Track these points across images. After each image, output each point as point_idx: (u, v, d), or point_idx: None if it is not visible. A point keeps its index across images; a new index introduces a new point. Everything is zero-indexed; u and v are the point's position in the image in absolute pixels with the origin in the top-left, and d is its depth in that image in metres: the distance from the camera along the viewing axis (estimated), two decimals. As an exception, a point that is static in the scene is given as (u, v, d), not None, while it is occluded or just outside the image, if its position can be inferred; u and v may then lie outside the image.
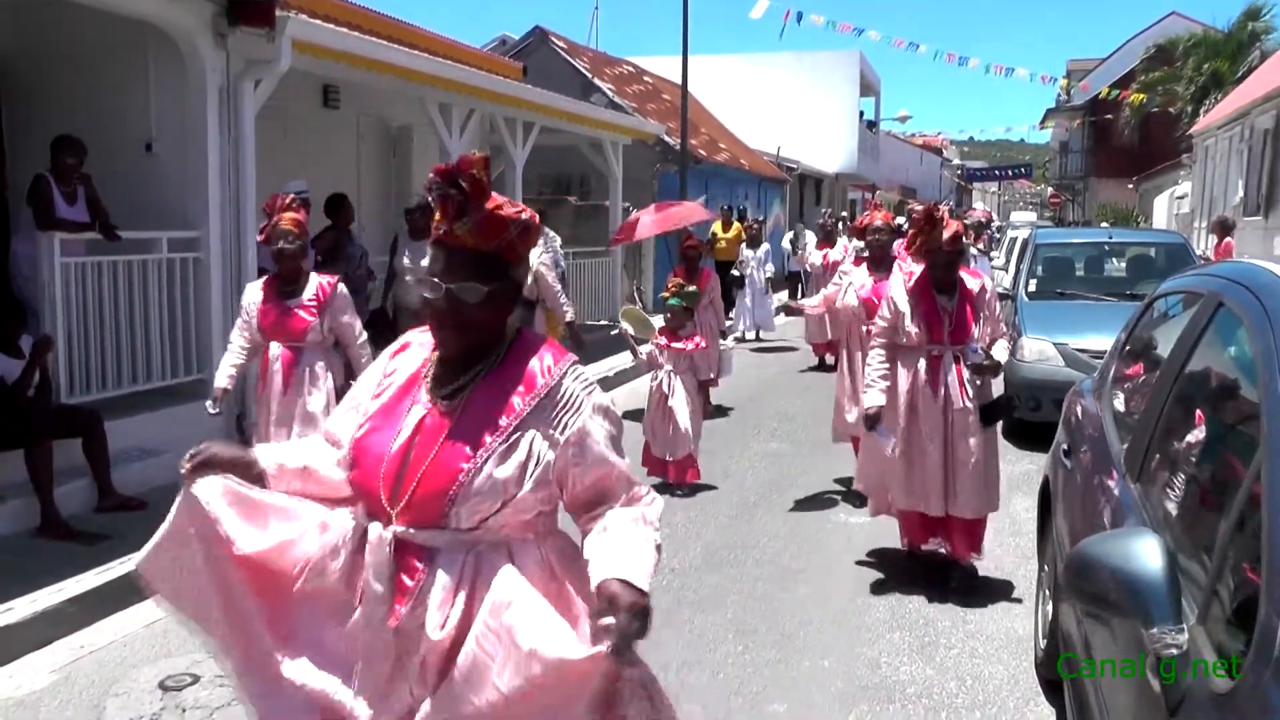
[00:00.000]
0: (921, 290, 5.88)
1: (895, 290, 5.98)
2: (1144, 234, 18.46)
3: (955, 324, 5.81)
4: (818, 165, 36.73)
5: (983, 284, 6.01)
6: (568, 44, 23.92)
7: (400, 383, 2.49)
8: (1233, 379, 3.09)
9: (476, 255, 2.34)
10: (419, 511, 2.32)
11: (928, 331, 5.81)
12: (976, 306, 5.88)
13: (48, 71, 8.59)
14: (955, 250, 5.81)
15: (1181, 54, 34.25)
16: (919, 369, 5.85)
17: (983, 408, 5.85)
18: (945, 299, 5.84)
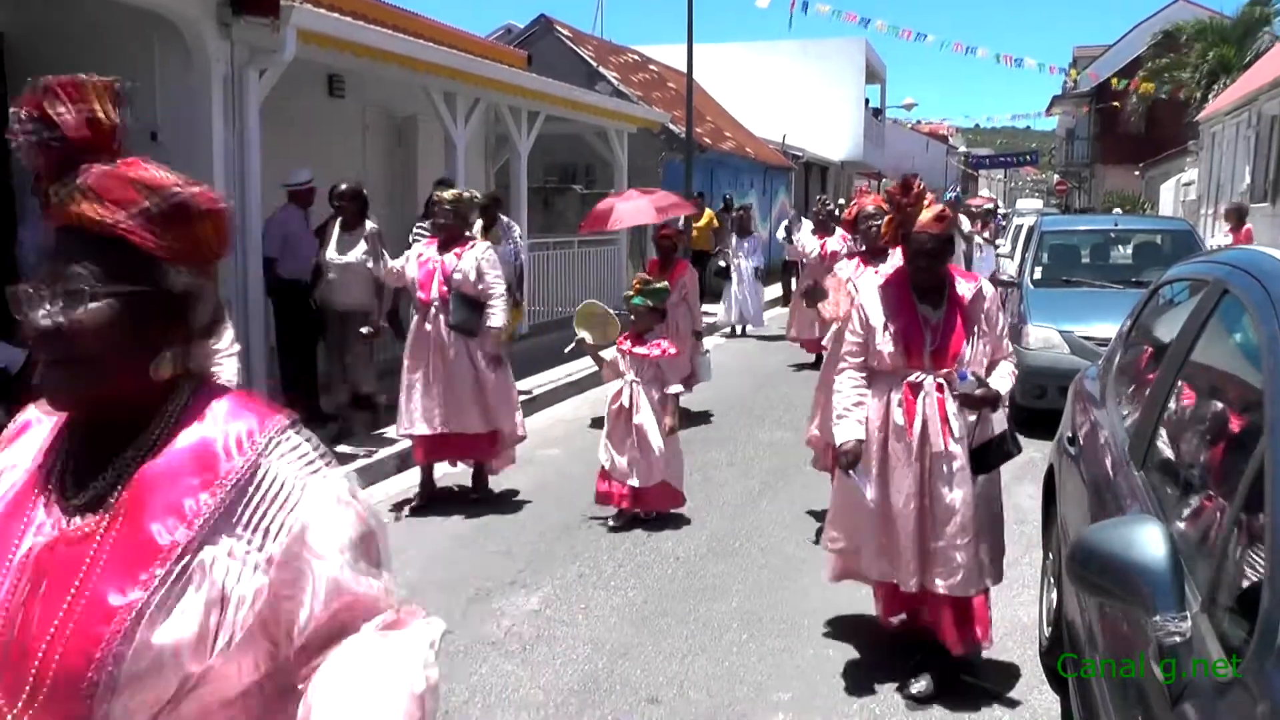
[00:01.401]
0: (898, 295, 4.49)
1: (865, 295, 4.66)
2: (1150, 221, 18.41)
3: (940, 341, 4.40)
4: (823, 153, 36.68)
5: (979, 288, 4.53)
6: (573, 32, 23.89)
7: (11, 493, 1.50)
8: (1237, 366, 3.09)
9: (94, 241, 1.46)
10: (53, 714, 1.34)
11: (904, 351, 4.42)
12: (970, 318, 4.45)
13: (53, 60, 8.53)
14: (941, 237, 4.40)
15: (1188, 40, 34.13)
16: (891, 400, 4.47)
17: (975, 451, 4.44)
18: (929, 308, 4.45)
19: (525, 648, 5.11)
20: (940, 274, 4.47)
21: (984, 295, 4.51)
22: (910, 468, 4.43)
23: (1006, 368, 4.56)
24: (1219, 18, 34.78)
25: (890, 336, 4.45)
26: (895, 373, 4.47)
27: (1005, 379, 4.52)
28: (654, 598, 5.74)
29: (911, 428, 4.42)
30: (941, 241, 4.40)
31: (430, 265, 7.15)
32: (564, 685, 4.69)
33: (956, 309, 4.46)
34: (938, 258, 4.42)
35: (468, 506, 7.29)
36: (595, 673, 4.82)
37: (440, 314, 7.05)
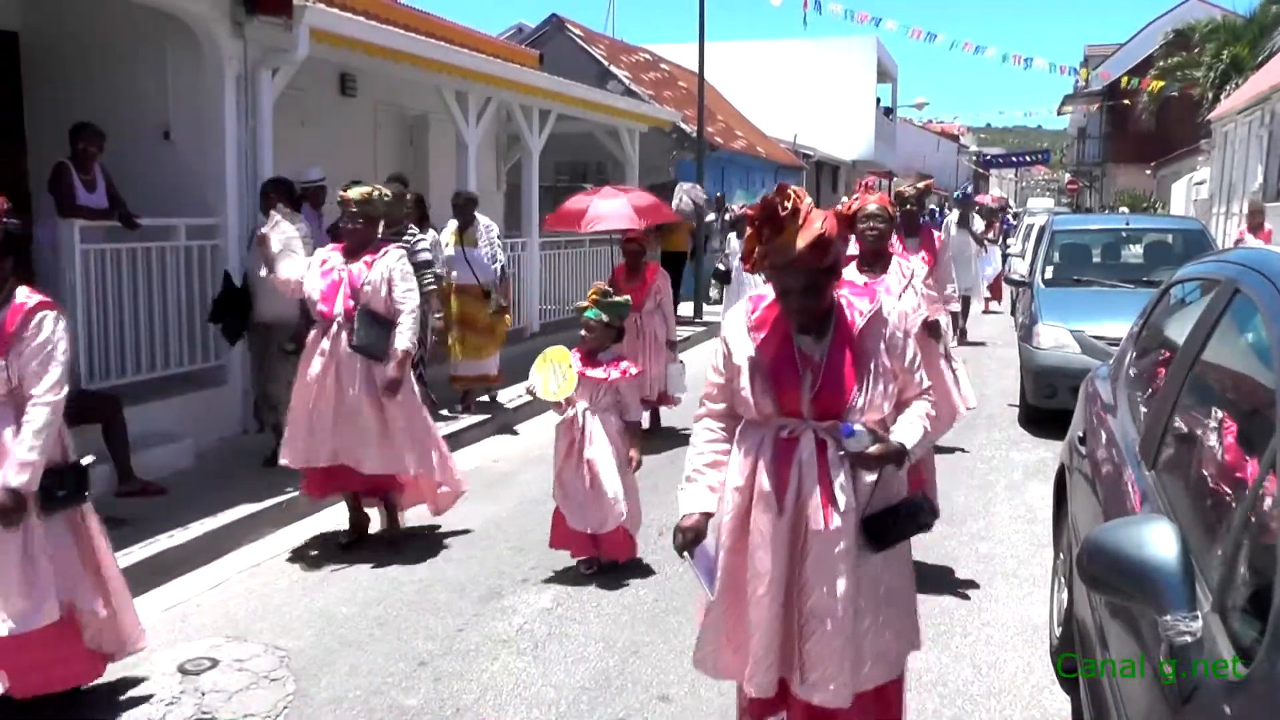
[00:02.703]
0: (771, 328, 3.41)
1: (731, 327, 3.51)
2: (1161, 220, 18.36)
3: (822, 383, 3.32)
4: (835, 152, 36.64)
5: (877, 309, 3.41)
6: (584, 32, 23.89)
7: None
8: (1248, 365, 3.09)
9: None
10: None
11: (774, 396, 3.35)
12: (864, 351, 3.35)
13: (67, 59, 8.63)
14: (818, 270, 3.25)
15: (1200, 39, 34.00)
16: (759, 459, 3.40)
17: (870, 521, 3.36)
18: (809, 340, 3.37)
19: (537, 645, 5.12)
20: (820, 307, 3.34)
21: (885, 318, 3.39)
22: (777, 549, 3.35)
23: (920, 409, 3.49)
24: (1232, 16, 34.64)
25: (757, 377, 3.36)
26: (765, 424, 3.40)
27: (915, 427, 3.43)
28: (665, 596, 5.75)
29: (783, 497, 3.35)
30: (817, 275, 3.24)
31: (336, 275, 6.22)
32: (575, 683, 4.71)
33: (845, 341, 3.35)
34: (813, 294, 3.28)
35: (476, 504, 7.29)
36: (607, 670, 4.83)
37: (343, 332, 6.12)
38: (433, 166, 13.95)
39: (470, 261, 9.69)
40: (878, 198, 5.84)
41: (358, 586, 5.88)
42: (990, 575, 6.08)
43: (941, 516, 7.10)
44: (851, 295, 3.43)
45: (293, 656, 4.98)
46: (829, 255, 3.23)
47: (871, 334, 3.36)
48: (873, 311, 3.38)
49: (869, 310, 3.38)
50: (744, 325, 3.45)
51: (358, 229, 6.21)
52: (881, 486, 3.40)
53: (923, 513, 3.47)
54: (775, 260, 3.21)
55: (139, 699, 4.57)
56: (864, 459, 3.26)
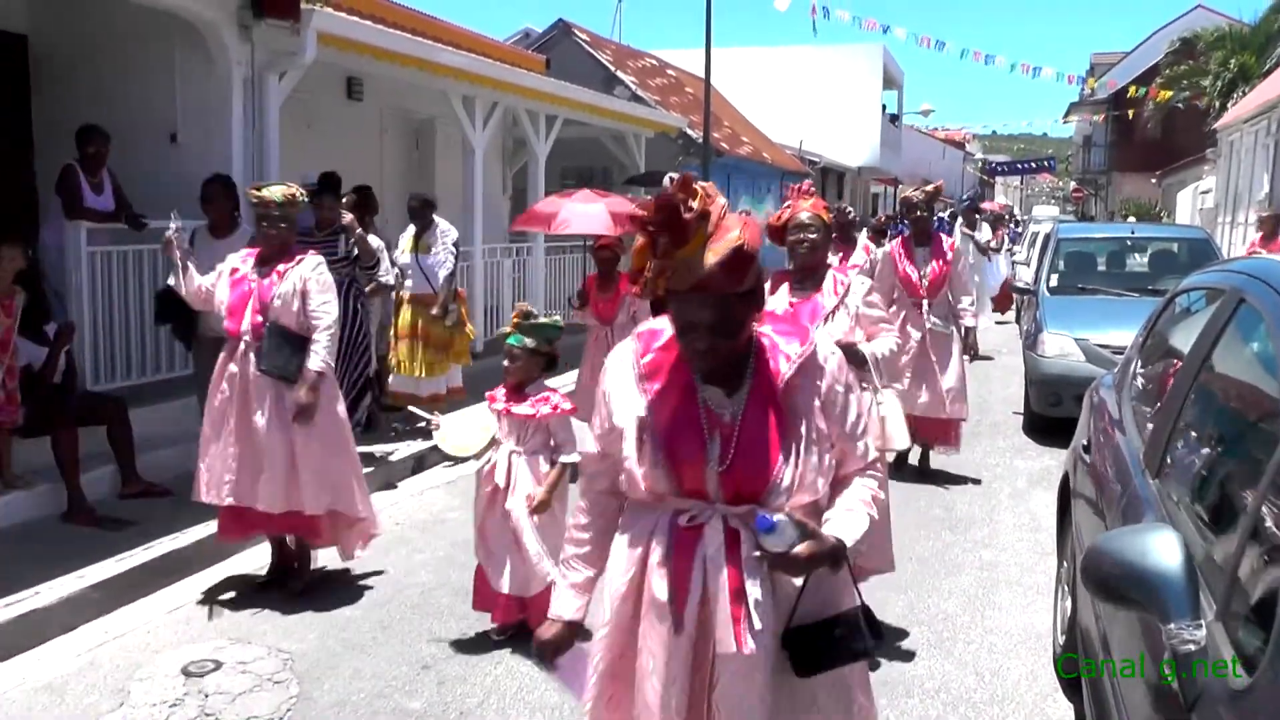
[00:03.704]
0: (668, 377, 2.55)
1: (614, 376, 2.63)
2: (1167, 229, 18.35)
3: (737, 455, 2.46)
4: (840, 159, 36.65)
5: (809, 354, 2.53)
6: (591, 37, 23.93)
7: None
8: (1253, 375, 3.09)
9: None
10: None
11: (671, 471, 2.49)
12: (791, 412, 2.50)
13: (75, 62, 8.66)
14: (731, 297, 2.39)
15: (1207, 48, 33.97)
16: (651, 556, 2.56)
17: (794, 637, 2.53)
18: (720, 395, 2.51)
19: (539, 650, 5.11)
20: (734, 349, 2.45)
21: (821, 365, 2.52)
22: (672, 678, 2.50)
23: (863, 490, 2.57)
24: (1239, 25, 34.60)
25: (647, 443, 2.48)
26: (659, 507, 2.53)
27: (857, 516, 2.51)
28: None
29: (682, 608, 2.49)
30: (732, 305, 2.37)
31: (246, 286, 5.54)
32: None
33: (767, 396, 2.47)
34: (725, 331, 2.39)
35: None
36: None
37: (251, 352, 5.48)
38: (439, 170, 13.98)
39: (424, 269, 9.01)
40: (811, 204, 5.00)
41: (361, 590, 5.88)
42: (993, 583, 6.07)
43: (945, 524, 7.15)
44: (777, 333, 2.54)
45: (296, 659, 4.98)
46: (748, 276, 2.37)
47: (803, 387, 2.48)
48: (804, 356, 2.49)
49: (800, 354, 2.49)
50: (631, 373, 2.55)
51: (279, 234, 5.53)
52: (811, 592, 2.49)
53: (859, 635, 2.55)
54: (676, 282, 2.35)
55: (143, 700, 4.58)
56: (788, 561, 2.33)
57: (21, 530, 6.21)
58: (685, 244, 2.32)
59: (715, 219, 2.35)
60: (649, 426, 2.49)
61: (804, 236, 4.87)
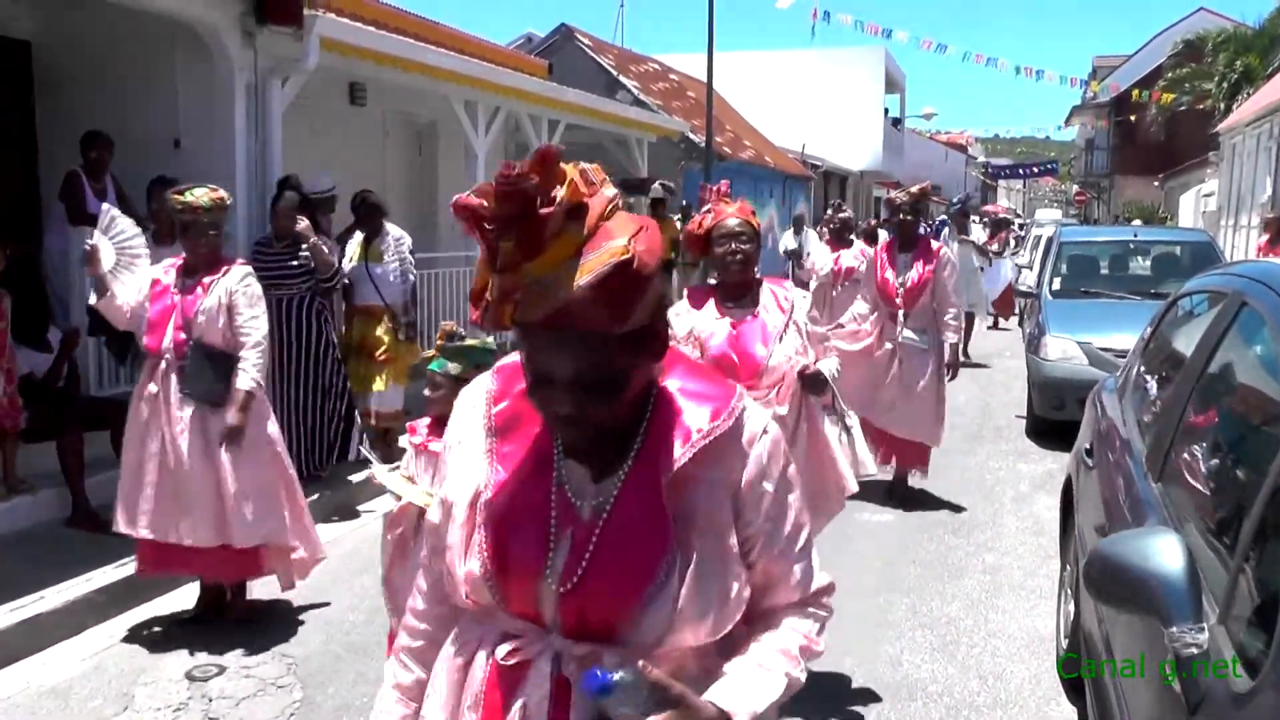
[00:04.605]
0: (521, 436, 1.79)
1: (460, 424, 1.88)
2: (1169, 232, 18.35)
3: (591, 570, 1.67)
4: (843, 163, 36.65)
5: (732, 428, 1.72)
6: (593, 41, 23.95)
7: None
8: (1255, 378, 3.10)
9: None
10: None
11: (496, 577, 1.70)
12: (686, 513, 1.68)
13: (78, 68, 8.67)
14: (619, 334, 1.59)
15: (1211, 50, 33.97)
16: (467, 687, 1.77)
17: None
18: (585, 477, 1.73)
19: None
20: (612, 415, 1.68)
21: (743, 449, 1.74)
22: None
23: (790, 638, 1.81)
24: (1243, 27, 34.59)
25: (475, 533, 1.75)
26: (485, 623, 1.78)
27: (769, 678, 1.74)
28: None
29: None
30: (610, 350, 1.60)
31: (169, 300, 5.09)
32: (581, 692, 4.70)
33: (650, 485, 1.69)
34: (601, 390, 1.63)
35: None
36: (612, 680, 4.83)
37: (173, 372, 5.06)
38: (441, 175, 13.98)
39: (374, 279, 8.22)
40: (737, 208, 4.27)
41: (365, 594, 5.88)
42: (997, 586, 6.07)
43: (948, 527, 7.15)
44: (686, 394, 1.74)
45: (300, 663, 4.98)
46: (638, 307, 1.58)
47: (708, 480, 1.70)
48: (714, 435, 1.70)
49: (707, 432, 1.69)
50: (480, 425, 1.81)
51: (207, 242, 5.09)
52: None
53: None
54: (526, 311, 1.57)
55: (147, 705, 4.58)
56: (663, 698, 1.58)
57: (25, 535, 6.23)
58: (540, 253, 1.54)
59: (594, 218, 1.57)
60: (483, 509, 1.73)
61: (735, 248, 4.17)
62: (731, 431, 1.72)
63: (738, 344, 4.14)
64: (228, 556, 5.18)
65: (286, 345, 7.23)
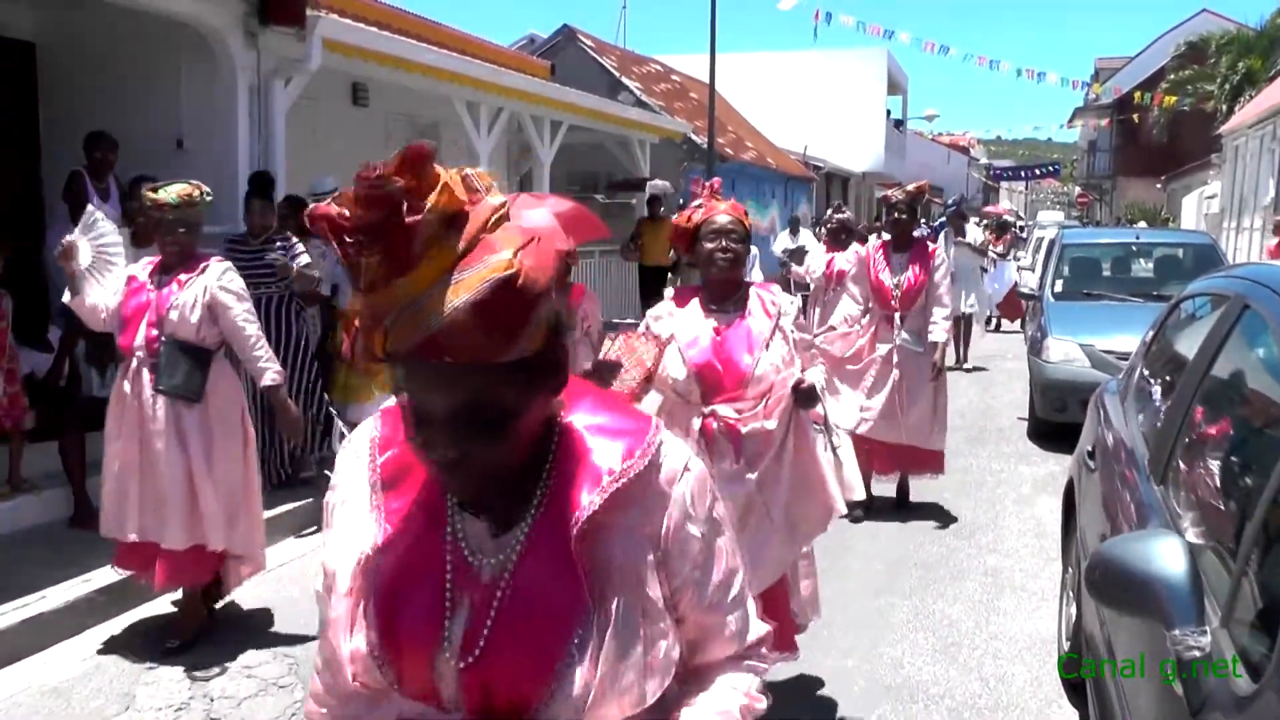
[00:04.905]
0: (409, 485, 1.54)
1: (343, 469, 1.61)
2: (1172, 234, 18.34)
3: (492, 642, 1.44)
4: (845, 164, 36.65)
5: (648, 468, 1.49)
6: (596, 42, 23.94)
7: None
8: (1258, 380, 3.10)
9: None
10: None
11: (388, 654, 1.47)
12: (600, 569, 1.46)
13: (82, 69, 8.68)
14: (507, 363, 1.34)
15: (1214, 52, 33.97)
16: None
17: None
18: (483, 532, 1.49)
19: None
20: (505, 463, 1.44)
21: (662, 491, 1.52)
22: None
23: (728, 699, 1.60)
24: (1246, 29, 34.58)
25: (361, 603, 1.51)
26: (376, 705, 1.54)
27: None
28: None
29: None
30: (497, 386, 1.37)
31: (143, 296, 4.98)
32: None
33: (560, 546, 1.46)
34: (481, 431, 1.38)
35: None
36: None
37: (145, 370, 4.95)
38: (444, 176, 14.00)
39: None
40: (728, 205, 4.12)
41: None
42: (998, 589, 6.07)
43: (950, 530, 7.15)
44: (594, 430, 1.52)
45: (301, 663, 4.98)
46: (526, 332, 1.35)
47: (624, 528, 1.49)
48: (627, 478, 1.48)
49: (620, 473, 1.48)
50: (365, 477, 1.57)
51: (176, 240, 4.92)
52: None
53: None
54: (397, 339, 1.33)
55: (148, 704, 4.58)
56: None
57: (28, 535, 6.24)
58: (410, 269, 1.30)
59: (475, 228, 1.34)
60: (369, 576, 1.50)
61: (725, 245, 3.98)
62: (648, 471, 1.50)
63: (722, 350, 3.97)
64: (197, 558, 5.06)
65: None
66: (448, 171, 1.36)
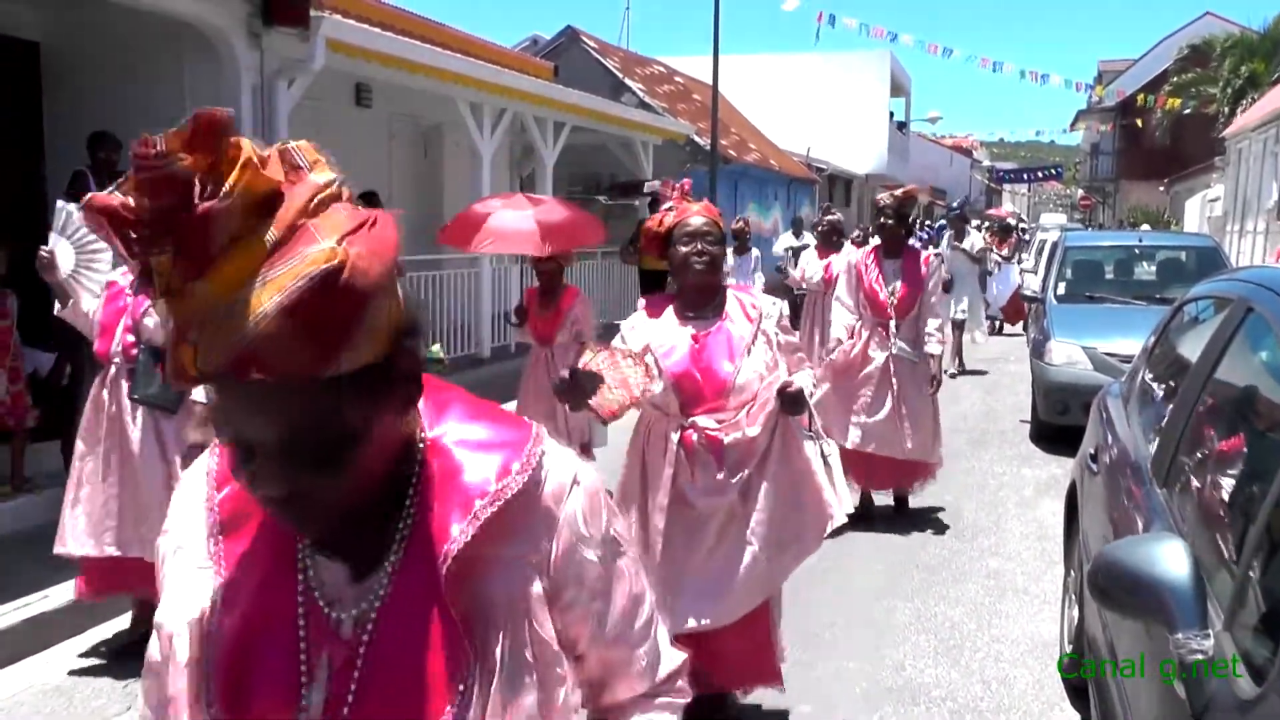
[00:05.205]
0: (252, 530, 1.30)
1: (175, 514, 1.38)
2: (1174, 237, 18.32)
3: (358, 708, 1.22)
4: (848, 166, 36.65)
5: (522, 488, 1.26)
6: (599, 44, 23.95)
7: None
8: (1261, 383, 3.09)
9: None
10: None
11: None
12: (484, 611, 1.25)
13: (85, 68, 8.69)
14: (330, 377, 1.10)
15: (1218, 55, 33.95)
16: None
17: None
18: (338, 577, 1.26)
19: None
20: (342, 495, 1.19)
21: (548, 509, 1.30)
22: None
23: None
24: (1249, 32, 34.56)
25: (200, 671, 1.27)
26: None
27: None
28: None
29: None
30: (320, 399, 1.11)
31: (121, 302, 4.86)
32: (584, 694, 4.70)
33: (430, 587, 1.23)
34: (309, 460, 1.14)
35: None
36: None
37: (123, 378, 4.81)
38: (446, 177, 14.01)
39: None
40: (702, 206, 3.95)
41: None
42: (1000, 591, 6.07)
43: (952, 532, 7.14)
44: (464, 446, 1.29)
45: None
46: (358, 334, 1.11)
47: (505, 560, 1.28)
48: (508, 495, 1.26)
49: (500, 491, 1.26)
50: (202, 521, 1.33)
51: None
52: None
53: None
54: (205, 355, 1.08)
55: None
56: None
57: (31, 534, 6.22)
58: (210, 268, 1.06)
59: (292, 214, 1.10)
60: (210, 639, 1.26)
61: (701, 248, 3.81)
62: (528, 489, 1.27)
63: (700, 359, 3.77)
64: None
65: None
66: (252, 145, 1.10)
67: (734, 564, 3.74)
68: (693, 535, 3.81)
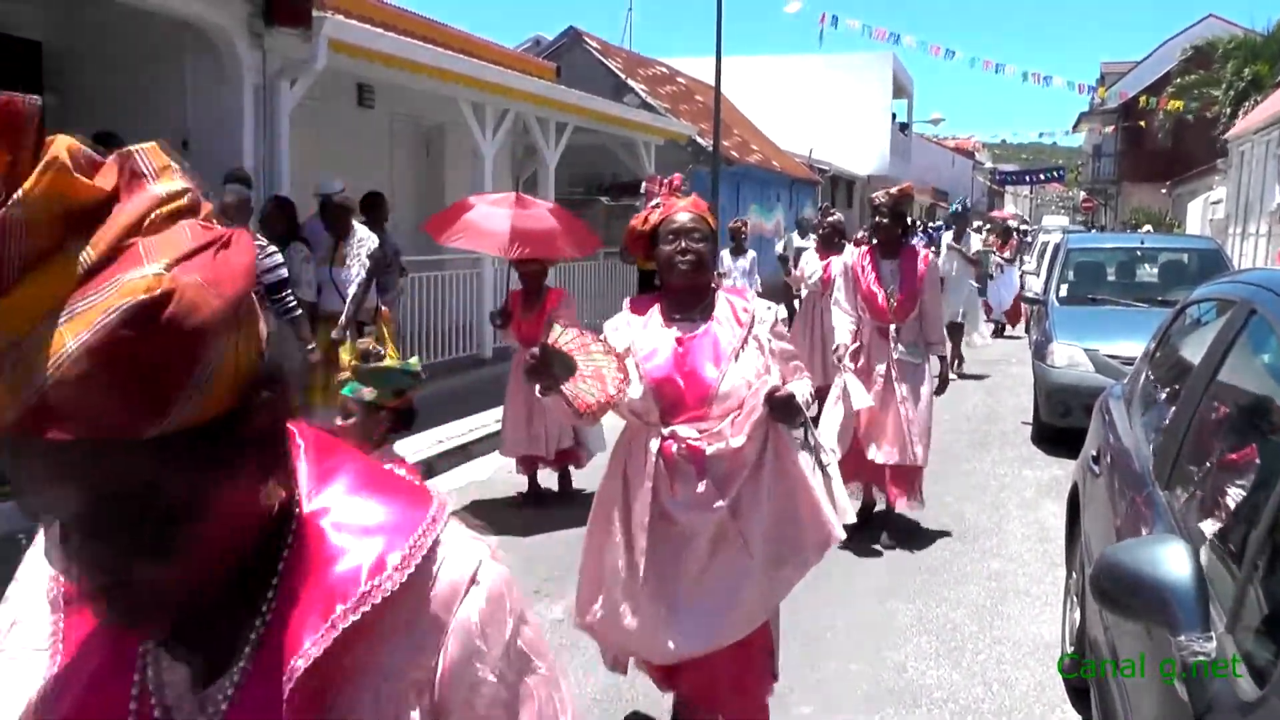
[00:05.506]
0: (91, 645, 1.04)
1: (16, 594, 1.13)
2: (1176, 239, 18.32)
3: None
4: (850, 167, 36.65)
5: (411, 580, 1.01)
6: (601, 44, 23.95)
7: None
8: (1264, 386, 3.09)
9: None
10: None
11: None
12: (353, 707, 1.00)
13: (88, 68, 8.71)
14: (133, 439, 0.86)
15: (1221, 57, 33.94)
16: None
17: None
18: (179, 680, 1.03)
19: (547, 657, 5.09)
20: (172, 586, 0.95)
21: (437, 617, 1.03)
22: None
23: None
24: (1252, 34, 34.54)
25: None
26: None
27: None
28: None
29: None
30: (136, 466, 0.88)
31: None
32: (586, 695, 4.70)
33: (272, 700, 0.97)
34: (121, 542, 0.91)
35: (483, 515, 7.30)
36: (617, 683, 4.82)
37: None
38: (448, 177, 14.02)
39: (338, 284, 7.98)
40: (689, 202, 3.72)
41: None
42: (1002, 593, 6.06)
43: (954, 534, 7.13)
44: (340, 527, 1.04)
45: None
46: (190, 382, 0.87)
47: (380, 671, 1.02)
48: (382, 594, 1.00)
49: (370, 591, 1.00)
50: (45, 585, 1.10)
51: None
52: None
53: None
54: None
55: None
56: None
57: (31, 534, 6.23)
58: (3, 296, 0.83)
59: (118, 231, 0.89)
60: None
61: (686, 246, 3.57)
62: (413, 587, 1.01)
63: (684, 363, 3.52)
64: None
65: None
66: (65, 142, 0.92)
67: (728, 585, 3.52)
68: (679, 554, 3.54)
